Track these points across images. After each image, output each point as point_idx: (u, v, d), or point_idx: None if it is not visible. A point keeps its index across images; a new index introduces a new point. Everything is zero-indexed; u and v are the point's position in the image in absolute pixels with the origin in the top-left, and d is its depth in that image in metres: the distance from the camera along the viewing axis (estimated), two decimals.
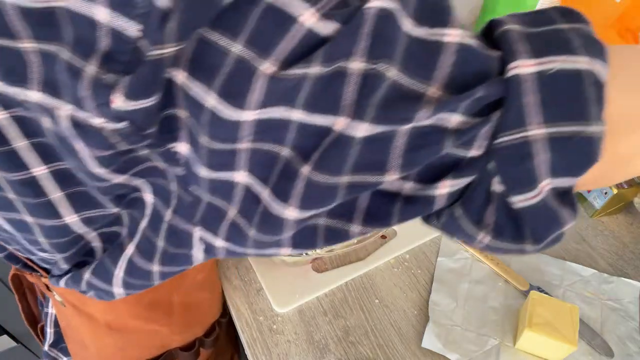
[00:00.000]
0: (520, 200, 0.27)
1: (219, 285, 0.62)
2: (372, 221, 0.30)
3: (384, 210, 0.30)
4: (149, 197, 0.34)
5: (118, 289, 0.40)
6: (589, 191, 0.75)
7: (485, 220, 0.28)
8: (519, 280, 0.66)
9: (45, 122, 0.28)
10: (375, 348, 0.60)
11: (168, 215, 0.33)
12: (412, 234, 0.71)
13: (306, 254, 0.59)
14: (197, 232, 0.32)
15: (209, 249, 0.34)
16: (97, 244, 0.39)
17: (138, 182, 0.32)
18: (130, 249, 0.37)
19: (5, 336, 1.16)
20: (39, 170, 0.32)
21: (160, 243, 0.35)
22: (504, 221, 0.28)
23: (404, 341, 0.61)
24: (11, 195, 0.33)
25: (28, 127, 0.29)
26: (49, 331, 0.60)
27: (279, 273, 0.66)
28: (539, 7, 0.80)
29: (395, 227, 0.70)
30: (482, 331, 0.61)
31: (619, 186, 0.70)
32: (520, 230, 0.28)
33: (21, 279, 0.57)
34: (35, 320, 0.62)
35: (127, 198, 0.34)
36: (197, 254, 0.34)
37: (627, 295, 0.66)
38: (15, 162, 0.31)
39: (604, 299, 0.65)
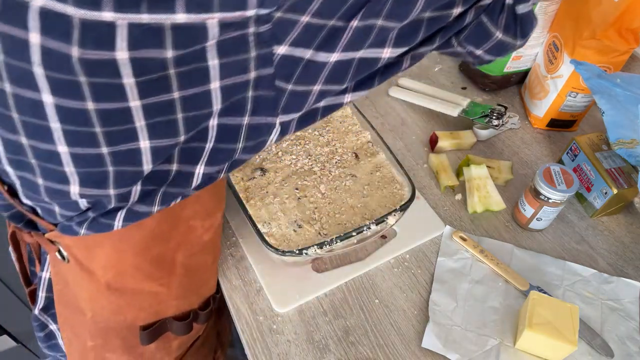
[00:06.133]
0: (521, 8, 0.47)
1: (219, 251, 0.63)
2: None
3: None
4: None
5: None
6: (589, 191, 0.75)
7: (500, 22, 0.47)
8: (519, 280, 0.66)
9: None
10: (375, 348, 0.60)
11: (245, 119, 0.42)
12: (412, 234, 0.71)
13: (306, 253, 0.59)
14: (279, 119, 0.44)
15: (285, 129, 0.45)
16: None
17: None
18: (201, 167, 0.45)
19: (5, 336, 1.16)
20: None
21: (239, 145, 0.43)
22: (511, 22, 0.47)
23: (404, 341, 0.61)
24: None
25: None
26: (41, 295, 0.61)
27: (279, 273, 0.66)
28: (538, 7, 0.80)
29: (395, 227, 0.70)
30: (482, 331, 0.61)
31: (619, 186, 0.70)
32: (517, 28, 0.48)
33: (19, 239, 0.58)
34: (31, 282, 0.64)
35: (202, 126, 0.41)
36: (273, 137, 0.45)
37: (627, 295, 0.66)
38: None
39: (604, 299, 0.66)
